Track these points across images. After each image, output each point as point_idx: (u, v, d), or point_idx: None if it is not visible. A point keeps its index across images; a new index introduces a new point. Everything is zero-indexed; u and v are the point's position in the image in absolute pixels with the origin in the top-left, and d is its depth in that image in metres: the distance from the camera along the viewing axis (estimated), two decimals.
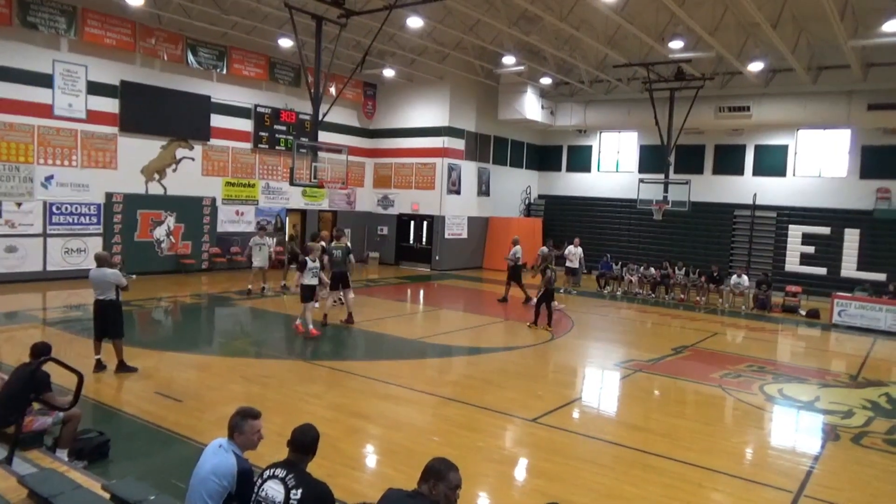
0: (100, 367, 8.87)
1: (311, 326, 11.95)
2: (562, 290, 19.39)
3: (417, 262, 24.81)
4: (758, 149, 24.04)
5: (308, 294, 12.02)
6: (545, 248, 17.90)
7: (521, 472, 6.60)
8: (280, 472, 3.59)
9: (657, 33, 17.35)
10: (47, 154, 16.68)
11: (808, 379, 10.82)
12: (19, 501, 4.41)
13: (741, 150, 24.33)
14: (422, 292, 18.65)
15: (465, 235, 25.15)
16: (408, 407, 8.37)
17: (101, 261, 8.93)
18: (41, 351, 5.82)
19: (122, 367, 8.86)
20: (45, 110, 16.59)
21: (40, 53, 16.41)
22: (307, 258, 12.23)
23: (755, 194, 23.47)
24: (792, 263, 22.54)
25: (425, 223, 24.78)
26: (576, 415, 8.55)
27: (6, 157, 15.94)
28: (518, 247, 17.37)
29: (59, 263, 16.99)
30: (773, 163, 23.72)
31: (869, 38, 16.08)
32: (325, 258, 13.12)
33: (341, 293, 13.47)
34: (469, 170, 25.35)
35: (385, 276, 21.79)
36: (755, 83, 21.21)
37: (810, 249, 22.28)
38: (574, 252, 20.18)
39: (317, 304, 13.24)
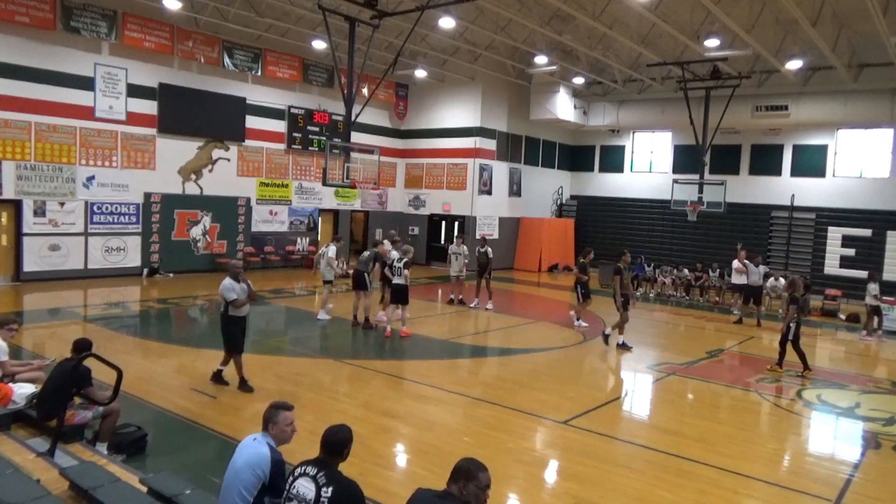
0: (215, 377, 8.52)
1: (403, 327, 12.28)
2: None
3: (448, 263, 24.77)
4: (796, 149, 23.50)
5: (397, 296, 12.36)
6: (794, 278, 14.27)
7: (551, 474, 6.56)
8: (311, 470, 3.63)
9: (692, 31, 17.08)
10: (89, 155, 17.12)
11: (847, 385, 10.55)
12: (61, 493, 4.53)
13: (779, 150, 23.81)
14: (452, 293, 18.60)
15: (496, 236, 25.08)
16: (438, 407, 8.39)
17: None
18: (83, 346, 5.97)
19: (240, 384, 8.33)
20: (87, 112, 17.03)
21: (82, 57, 16.84)
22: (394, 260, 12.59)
23: (793, 195, 22.96)
24: (832, 266, 21.95)
25: (456, 223, 24.78)
26: (608, 417, 8.47)
27: (50, 157, 16.41)
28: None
29: (99, 262, 17.44)
30: (811, 163, 23.16)
31: None
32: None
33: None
34: (500, 170, 25.29)
35: (415, 277, 21.76)
36: (793, 82, 20.74)
37: (851, 252, 21.67)
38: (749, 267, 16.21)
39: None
